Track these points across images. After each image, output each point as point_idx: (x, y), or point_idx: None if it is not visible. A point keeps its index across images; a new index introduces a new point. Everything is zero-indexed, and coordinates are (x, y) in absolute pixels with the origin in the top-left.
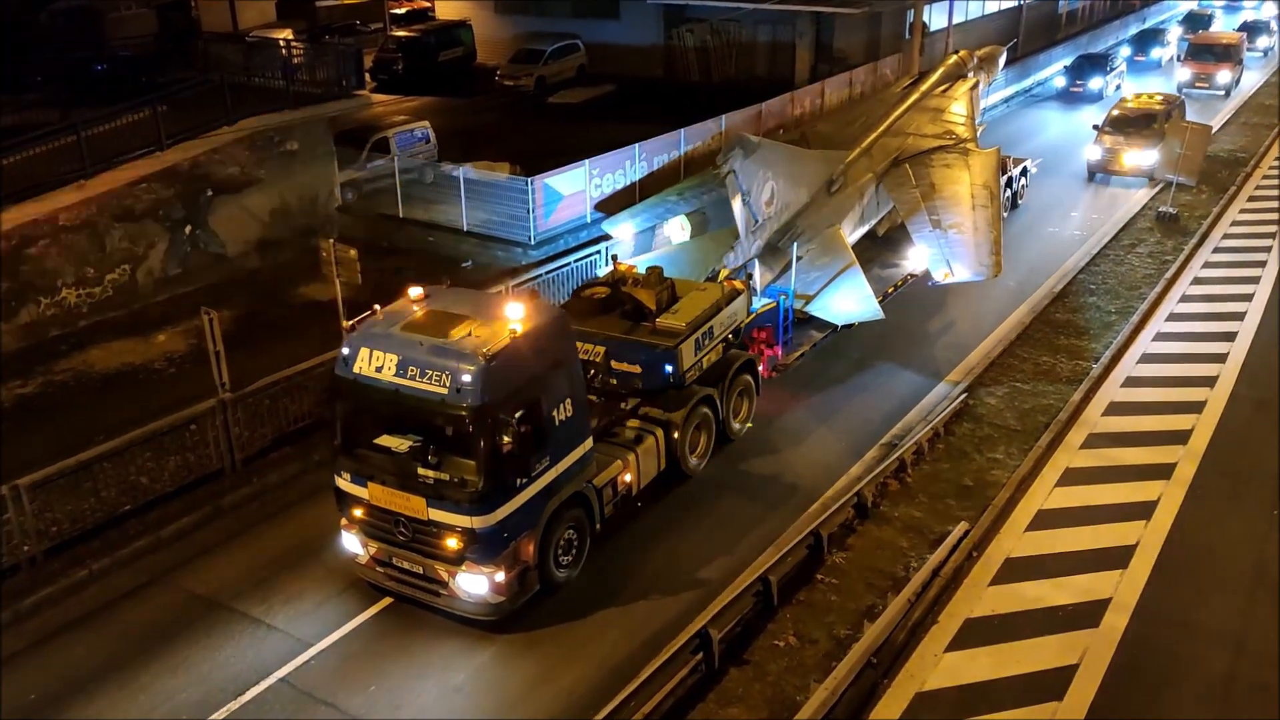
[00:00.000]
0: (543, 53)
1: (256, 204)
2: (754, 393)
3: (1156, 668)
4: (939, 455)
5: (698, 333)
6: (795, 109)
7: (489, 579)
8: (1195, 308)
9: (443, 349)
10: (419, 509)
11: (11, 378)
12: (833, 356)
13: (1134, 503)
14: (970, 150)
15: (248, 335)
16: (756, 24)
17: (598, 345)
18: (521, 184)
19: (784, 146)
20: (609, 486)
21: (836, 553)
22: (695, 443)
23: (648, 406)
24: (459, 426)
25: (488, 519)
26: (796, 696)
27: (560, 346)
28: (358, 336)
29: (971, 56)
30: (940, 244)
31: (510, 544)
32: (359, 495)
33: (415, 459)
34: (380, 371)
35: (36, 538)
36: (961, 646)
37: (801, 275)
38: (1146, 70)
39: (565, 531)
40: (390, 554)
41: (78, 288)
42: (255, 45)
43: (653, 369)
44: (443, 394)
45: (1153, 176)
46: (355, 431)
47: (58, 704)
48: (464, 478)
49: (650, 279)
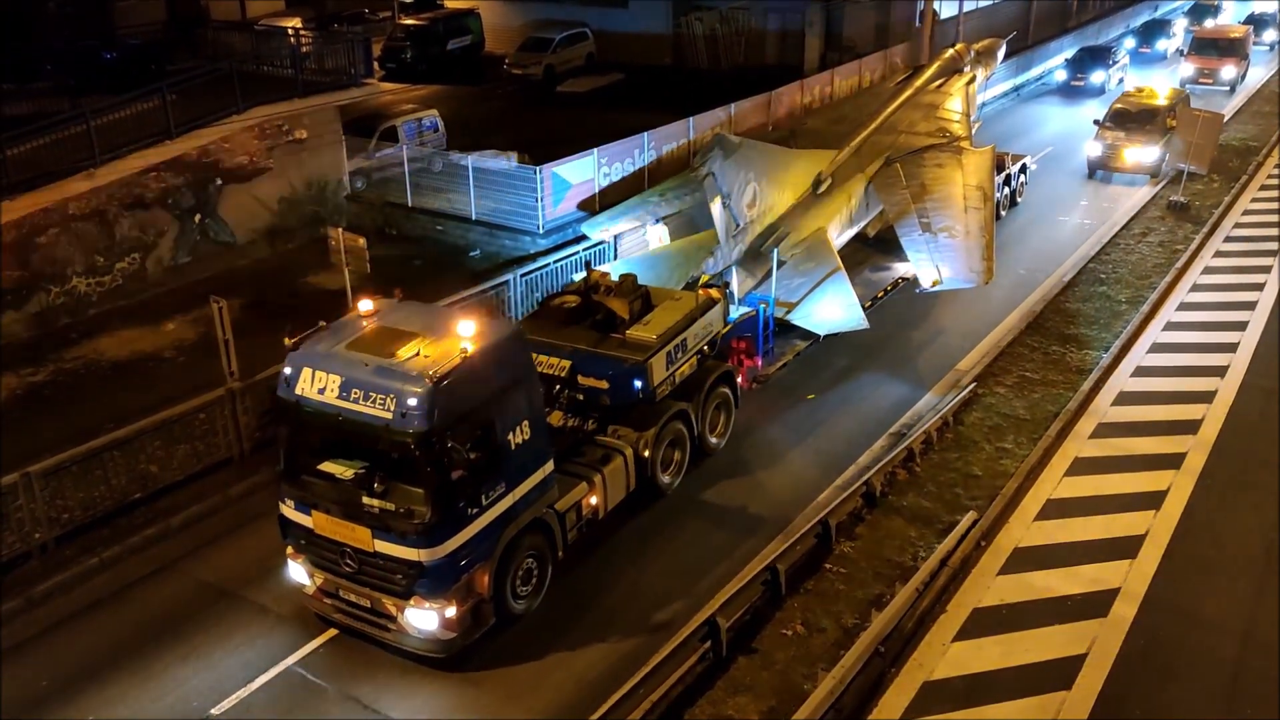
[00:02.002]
0: (551, 41)
1: (265, 192)
2: (732, 405)
3: (1165, 657)
4: (948, 444)
5: (670, 345)
6: (805, 97)
7: (439, 614)
8: (1206, 297)
9: (388, 370)
10: (364, 540)
11: (22, 366)
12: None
13: (1143, 492)
14: (964, 149)
15: (257, 324)
16: (766, 12)
17: (563, 359)
18: (530, 172)
19: (767, 146)
20: (573, 511)
21: (845, 542)
22: (669, 460)
23: (617, 423)
24: (404, 454)
25: (436, 551)
26: (804, 685)
27: (516, 365)
28: (300, 355)
29: (969, 50)
30: (930, 249)
31: (462, 577)
32: (304, 523)
33: (360, 487)
34: (323, 394)
35: (48, 525)
36: (969, 636)
37: (784, 281)
38: (1151, 62)
39: (524, 560)
40: (337, 585)
41: (87, 276)
42: (264, 33)
43: (621, 384)
44: (387, 419)
45: (1155, 174)
46: (299, 456)
47: (70, 690)
48: (411, 508)
49: (623, 287)
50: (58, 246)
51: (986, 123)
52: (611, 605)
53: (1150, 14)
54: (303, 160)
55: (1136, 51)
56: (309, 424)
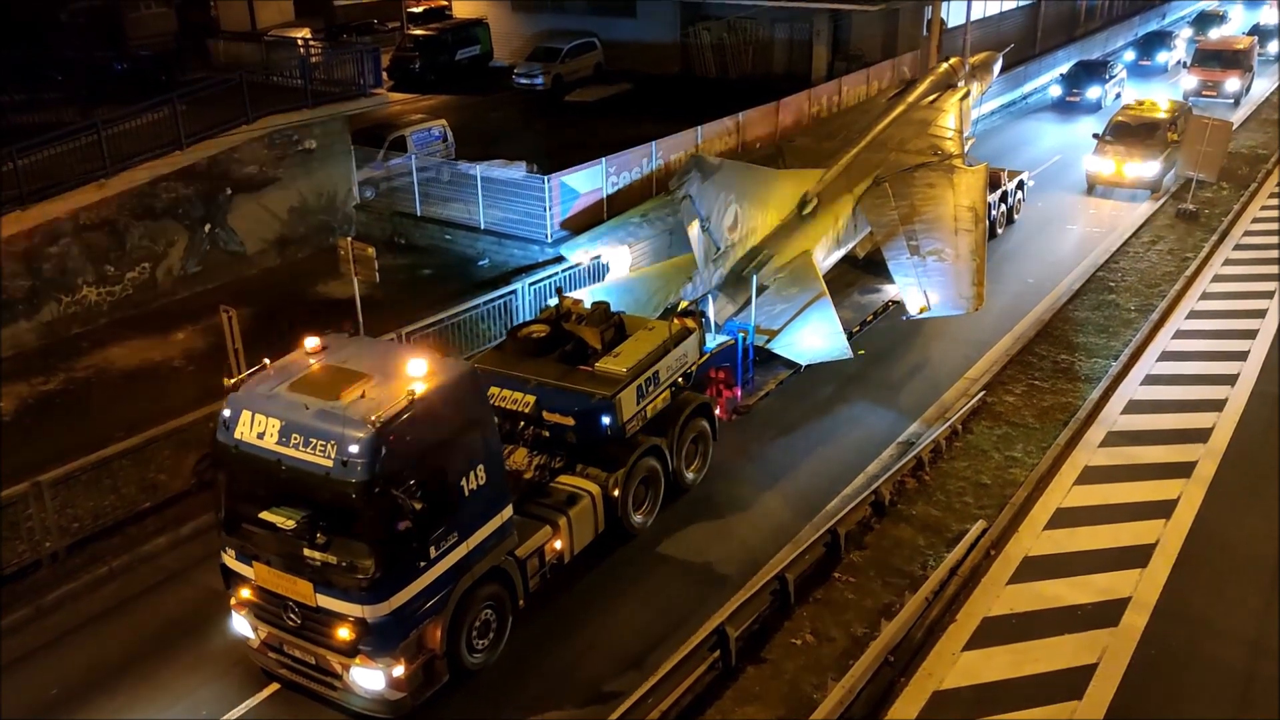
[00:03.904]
0: (559, 51)
1: (275, 202)
2: (710, 439)
3: (1176, 667)
4: (957, 453)
5: (641, 378)
6: (812, 106)
7: (386, 674)
8: (1216, 305)
9: (329, 414)
10: (306, 594)
11: (33, 375)
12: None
13: (1154, 501)
14: (956, 167)
15: (266, 333)
16: (773, 21)
17: (527, 394)
18: (538, 181)
19: (749, 166)
20: (535, 557)
21: (854, 551)
22: (641, 499)
23: (585, 461)
24: (346, 504)
25: (381, 608)
26: (814, 695)
27: (470, 406)
28: (241, 396)
29: (963, 64)
30: (918, 273)
31: (411, 633)
32: (246, 574)
33: (301, 538)
34: (262, 438)
35: (58, 534)
36: (979, 645)
37: (766, 308)
38: (1151, 76)
39: (481, 612)
40: (281, 640)
41: (98, 286)
42: (274, 44)
43: (588, 421)
44: (327, 467)
45: (1156, 189)
46: (240, 503)
47: (79, 699)
48: (354, 561)
49: (595, 315)
50: (69, 256)
51: (980, 139)
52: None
53: (1159, 22)
54: (312, 170)
55: (1136, 64)
56: (248, 470)
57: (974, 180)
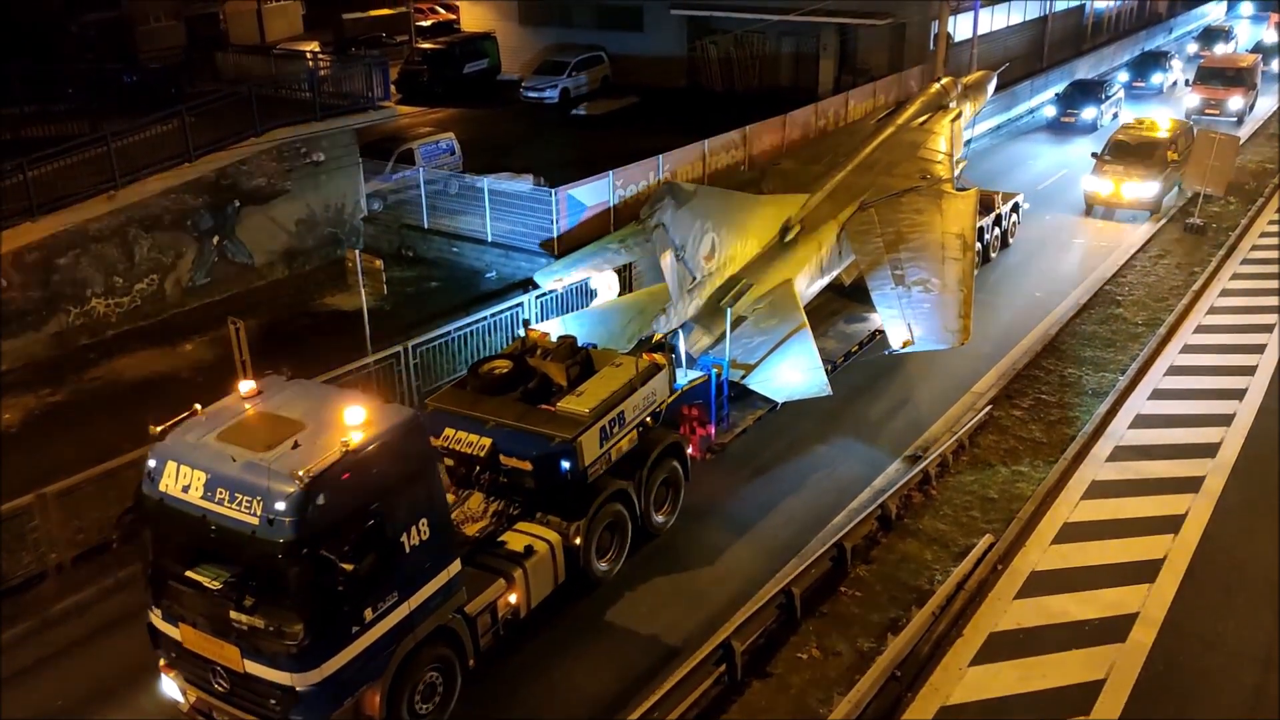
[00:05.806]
0: (567, 64)
1: (283, 214)
2: (681, 480)
3: (1184, 683)
4: (963, 467)
5: (605, 419)
6: (819, 120)
7: None
8: (1223, 320)
9: (256, 466)
10: (234, 660)
11: (41, 386)
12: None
13: (1161, 516)
14: (945, 193)
15: (274, 345)
16: (780, 35)
17: (483, 436)
18: (545, 194)
19: (727, 192)
20: (486, 613)
21: (860, 565)
22: (605, 546)
23: (544, 508)
24: (273, 565)
25: (310, 676)
26: (820, 709)
27: (412, 456)
28: (166, 446)
29: (955, 84)
30: (902, 304)
31: (346, 701)
32: (173, 635)
33: (227, 599)
34: (187, 492)
35: (64, 545)
36: (986, 660)
37: (743, 341)
38: (1146, 97)
39: (425, 675)
40: (210, 705)
41: (106, 297)
42: (282, 57)
43: (547, 466)
44: (253, 524)
45: (1155, 210)
46: (166, 560)
47: (84, 711)
48: (281, 627)
49: (561, 349)
50: (77, 268)
51: (973, 160)
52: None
53: (1165, 36)
54: (320, 182)
55: (1130, 86)
56: (174, 526)
57: (963, 206)
